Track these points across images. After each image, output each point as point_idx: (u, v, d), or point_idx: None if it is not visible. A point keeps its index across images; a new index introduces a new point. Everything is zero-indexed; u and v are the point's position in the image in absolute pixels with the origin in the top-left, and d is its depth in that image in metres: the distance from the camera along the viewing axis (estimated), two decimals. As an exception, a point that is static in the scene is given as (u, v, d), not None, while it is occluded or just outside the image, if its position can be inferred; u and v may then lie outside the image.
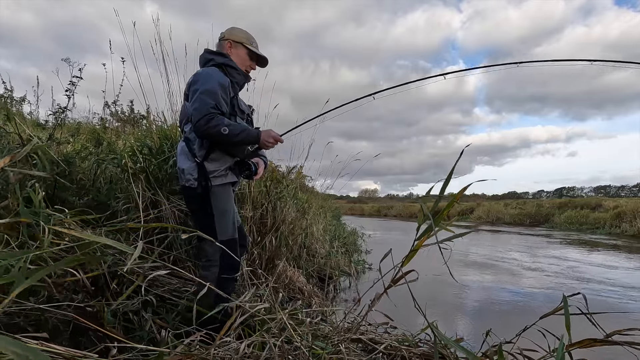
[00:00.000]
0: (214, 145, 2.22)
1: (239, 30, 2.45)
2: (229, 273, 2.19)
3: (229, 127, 2.08)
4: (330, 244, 6.26)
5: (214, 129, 2.06)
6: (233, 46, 2.41)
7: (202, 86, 2.14)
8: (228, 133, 2.07)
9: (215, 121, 2.07)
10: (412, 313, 2.02)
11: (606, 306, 4.46)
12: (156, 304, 2.36)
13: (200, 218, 2.35)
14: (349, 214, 36.32)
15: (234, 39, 2.42)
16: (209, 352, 1.60)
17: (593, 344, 1.45)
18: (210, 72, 2.23)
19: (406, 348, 1.87)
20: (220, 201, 2.25)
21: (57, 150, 3.27)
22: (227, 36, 2.43)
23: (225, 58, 2.35)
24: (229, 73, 2.33)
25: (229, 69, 2.33)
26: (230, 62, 2.35)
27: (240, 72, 2.39)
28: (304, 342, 1.72)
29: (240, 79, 2.41)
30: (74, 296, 2.04)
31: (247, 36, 2.45)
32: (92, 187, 3.17)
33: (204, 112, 2.06)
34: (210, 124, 2.06)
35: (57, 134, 3.48)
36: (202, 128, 2.08)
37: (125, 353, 1.61)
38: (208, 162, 2.22)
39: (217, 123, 2.07)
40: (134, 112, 6.66)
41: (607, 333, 1.51)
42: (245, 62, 2.44)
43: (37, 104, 3.58)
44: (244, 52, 2.43)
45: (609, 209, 19.42)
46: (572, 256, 8.89)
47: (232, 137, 2.09)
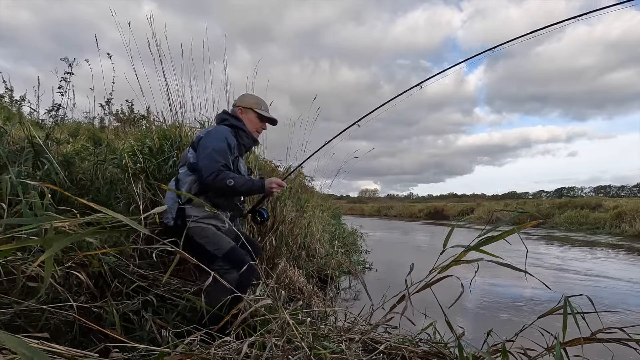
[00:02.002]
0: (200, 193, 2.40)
1: (249, 97, 2.72)
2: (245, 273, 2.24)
3: (234, 180, 2.29)
4: (330, 243, 6.27)
5: (221, 182, 2.27)
6: (244, 112, 2.65)
7: (212, 144, 2.36)
8: (234, 184, 2.28)
9: (222, 175, 2.27)
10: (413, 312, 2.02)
11: (606, 306, 4.48)
12: (156, 303, 2.37)
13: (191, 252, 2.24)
14: (349, 214, 36.33)
15: (244, 106, 2.66)
16: (210, 352, 1.61)
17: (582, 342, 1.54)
18: (222, 131, 2.46)
19: (406, 347, 1.87)
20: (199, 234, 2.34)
21: (57, 150, 3.28)
22: (239, 103, 2.69)
23: (238, 122, 2.61)
24: (239, 135, 2.58)
25: (240, 132, 2.59)
26: (243, 126, 2.60)
27: (249, 137, 2.64)
28: (306, 342, 1.72)
29: (248, 142, 2.66)
30: (76, 297, 2.05)
31: (257, 101, 2.70)
32: (92, 187, 3.18)
33: (214, 169, 2.27)
34: (218, 178, 2.26)
35: (57, 133, 3.49)
36: (211, 182, 2.28)
37: (126, 353, 1.62)
38: (189, 205, 2.36)
39: (223, 177, 2.27)
40: (134, 112, 6.68)
41: (593, 332, 1.57)
42: (256, 125, 2.68)
43: (37, 104, 3.58)
44: (254, 116, 2.66)
45: (609, 209, 19.42)
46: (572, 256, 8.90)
47: (237, 187, 2.30)
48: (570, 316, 1.49)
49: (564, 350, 1.47)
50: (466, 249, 1.64)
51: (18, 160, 2.78)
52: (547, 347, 1.62)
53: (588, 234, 16.50)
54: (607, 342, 1.55)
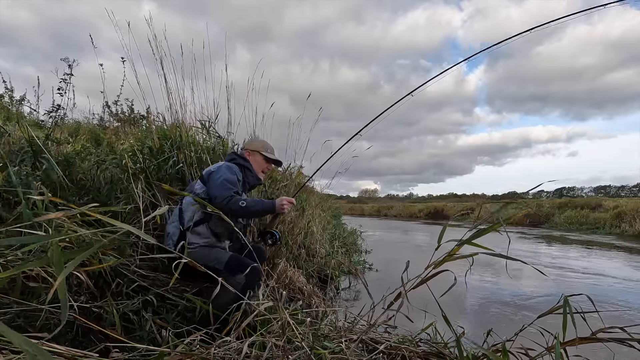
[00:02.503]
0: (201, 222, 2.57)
1: (256, 142, 3.03)
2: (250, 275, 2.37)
3: (246, 202, 2.47)
4: (330, 243, 6.27)
5: (234, 204, 2.44)
6: (251, 154, 2.93)
7: (225, 175, 2.60)
8: (246, 205, 2.46)
9: (235, 199, 2.47)
10: (412, 312, 2.02)
11: (606, 304, 4.48)
12: (156, 303, 2.37)
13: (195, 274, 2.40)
14: (349, 214, 36.33)
15: (251, 149, 2.95)
16: (210, 352, 1.61)
17: (581, 341, 1.54)
18: (231, 167, 2.72)
19: (406, 347, 1.87)
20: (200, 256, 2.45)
21: (57, 150, 3.28)
22: (247, 147, 3.00)
23: (246, 162, 2.87)
24: (245, 174, 2.83)
25: (246, 171, 2.84)
26: (249, 166, 2.86)
27: (254, 176, 2.88)
28: (306, 342, 1.72)
29: (253, 181, 2.89)
30: (77, 297, 2.05)
31: (263, 145, 2.99)
32: (92, 187, 3.18)
33: (227, 195, 2.47)
34: (232, 201, 2.45)
35: (57, 133, 3.49)
36: (225, 205, 2.44)
37: (126, 353, 1.62)
38: (190, 232, 2.53)
39: (236, 200, 2.47)
40: (134, 112, 6.67)
41: (593, 331, 1.56)
42: (262, 165, 2.95)
43: (37, 104, 3.58)
44: (261, 158, 2.94)
45: (609, 209, 19.41)
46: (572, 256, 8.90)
47: (250, 208, 2.48)
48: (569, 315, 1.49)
49: (564, 350, 1.47)
50: (459, 243, 1.64)
51: (16, 160, 2.78)
52: (547, 347, 1.62)
53: (588, 234, 16.50)
54: (607, 342, 1.55)
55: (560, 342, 1.45)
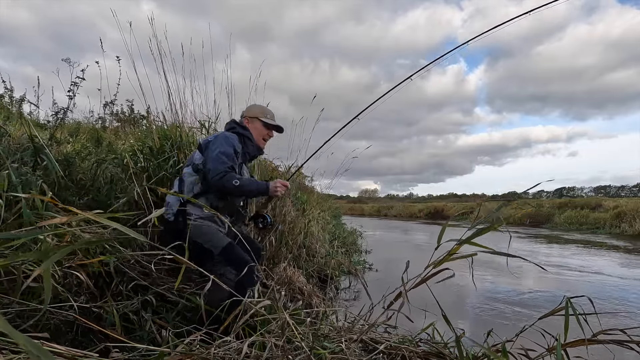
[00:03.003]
0: (202, 194, 2.50)
1: (255, 107, 2.88)
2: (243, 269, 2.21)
3: (240, 180, 2.38)
4: (330, 243, 6.27)
5: (227, 182, 2.36)
6: (250, 121, 2.79)
7: (221, 147, 2.47)
8: (239, 184, 2.37)
9: (229, 176, 2.37)
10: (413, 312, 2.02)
11: (606, 305, 4.48)
12: (156, 303, 2.37)
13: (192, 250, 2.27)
14: (349, 214, 36.31)
15: (250, 115, 2.81)
16: (210, 352, 1.61)
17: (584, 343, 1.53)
18: (229, 137, 2.59)
19: (406, 347, 1.87)
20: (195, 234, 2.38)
21: (58, 150, 3.28)
22: (245, 114, 2.84)
23: (245, 130, 2.75)
24: (245, 143, 2.71)
25: (246, 140, 2.72)
26: (249, 135, 2.74)
27: (254, 145, 2.77)
28: (306, 342, 1.72)
29: (253, 151, 2.79)
30: (76, 297, 2.05)
31: (262, 110, 2.85)
32: (92, 187, 3.18)
33: (220, 170, 2.37)
34: (225, 178, 2.36)
35: (57, 134, 3.49)
36: (217, 182, 2.38)
37: (126, 353, 1.62)
38: (191, 205, 2.44)
39: (230, 177, 2.37)
40: (134, 112, 6.68)
41: (594, 333, 1.56)
42: (262, 133, 2.81)
43: (37, 104, 3.59)
44: (260, 125, 2.79)
45: (608, 209, 19.41)
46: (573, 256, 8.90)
47: (243, 187, 2.40)
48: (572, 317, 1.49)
49: (565, 351, 1.47)
50: (458, 243, 1.64)
51: (17, 157, 2.78)
52: (548, 348, 1.62)
53: (588, 234, 16.49)
54: (608, 344, 1.55)
55: (562, 343, 1.45)
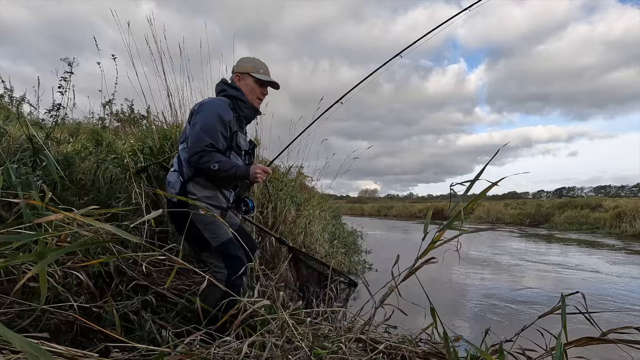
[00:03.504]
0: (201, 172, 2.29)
1: (245, 61, 2.52)
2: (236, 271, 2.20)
3: (218, 164, 2.19)
4: (330, 243, 6.27)
5: (205, 164, 2.19)
6: (241, 78, 2.48)
7: (201, 120, 2.24)
8: (217, 169, 2.19)
9: (207, 157, 2.18)
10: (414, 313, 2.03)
11: (605, 305, 4.48)
12: (155, 303, 2.37)
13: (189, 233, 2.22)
14: (349, 214, 36.30)
15: (240, 71, 2.48)
16: (210, 352, 1.61)
17: (590, 342, 1.49)
18: (215, 106, 2.31)
19: (406, 347, 1.87)
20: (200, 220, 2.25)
21: (57, 150, 3.28)
22: (235, 69, 2.51)
23: (237, 91, 2.43)
24: (239, 107, 2.42)
25: (239, 103, 2.42)
26: (242, 97, 2.43)
27: (249, 107, 2.46)
28: (305, 342, 1.73)
29: (249, 113, 2.49)
30: (76, 297, 2.05)
31: (254, 64, 2.49)
32: (92, 187, 3.18)
33: (198, 149, 2.18)
34: (202, 159, 2.18)
35: (57, 133, 3.49)
36: (194, 163, 2.21)
37: (126, 353, 1.62)
38: (192, 183, 2.30)
39: (208, 159, 2.18)
40: (134, 112, 6.68)
41: (604, 331, 1.53)
42: (255, 91, 2.48)
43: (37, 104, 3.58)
44: (252, 81, 2.47)
45: (608, 209, 19.42)
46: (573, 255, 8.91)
47: (221, 172, 2.21)
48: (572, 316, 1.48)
49: (564, 351, 1.47)
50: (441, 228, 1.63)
51: (16, 158, 2.78)
52: (546, 349, 1.61)
53: (588, 234, 16.49)
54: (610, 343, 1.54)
55: (563, 343, 1.44)
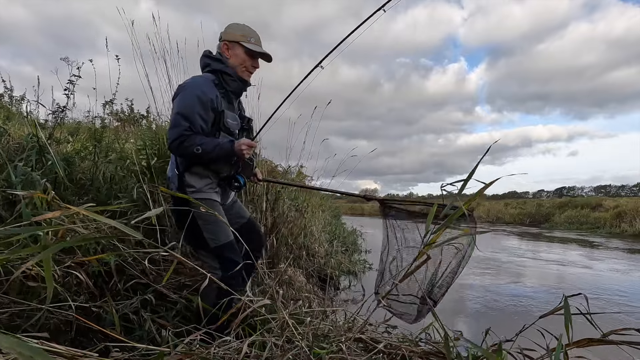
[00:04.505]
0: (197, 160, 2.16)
1: (234, 28, 2.27)
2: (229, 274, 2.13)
3: (201, 146, 2.04)
4: (330, 243, 6.27)
5: (187, 149, 2.05)
6: (230, 47, 2.25)
7: (179, 104, 2.10)
8: (201, 152, 2.05)
9: (188, 142, 2.04)
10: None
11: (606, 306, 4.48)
12: (155, 302, 2.37)
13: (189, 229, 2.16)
14: (349, 214, 36.24)
15: (229, 39, 2.25)
16: (210, 352, 1.61)
17: (590, 343, 1.47)
18: (195, 85, 2.14)
19: (406, 347, 1.87)
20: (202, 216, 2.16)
21: (57, 150, 3.28)
22: (223, 37, 2.27)
23: (221, 64, 2.23)
24: (225, 81, 2.23)
25: (225, 77, 2.23)
26: (226, 69, 2.22)
27: (236, 79, 2.25)
28: (305, 342, 1.72)
29: (237, 87, 2.28)
30: (76, 297, 2.05)
31: (244, 32, 2.25)
32: (91, 186, 3.18)
33: (176, 135, 2.04)
34: (183, 145, 2.04)
35: (57, 133, 3.49)
36: (175, 149, 2.09)
37: (126, 352, 1.62)
38: (189, 174, 2.18)
39: (189, 144, 2.04)
40: (134, 112, 6.67)
41: (604, 332, 1.52)
42: (245, 63, 2.26)
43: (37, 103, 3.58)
44: (242, 52, 2.24)
45: (609, 209, 19.44)
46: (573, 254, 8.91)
47: (206, 154, 2.06)
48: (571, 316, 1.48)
49: (565, 352, 1.46)
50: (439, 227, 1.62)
51: (19, 157, 2.79)
52: (547, 349, 1.61)
53: (588, 233, 16.49)
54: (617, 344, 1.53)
55: (565, 343, 1.43)
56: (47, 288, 1.15)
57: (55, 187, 2.82)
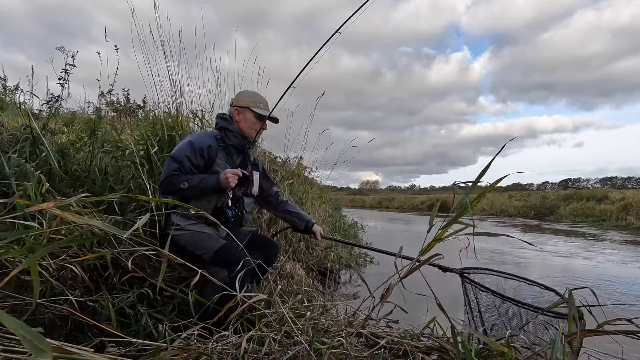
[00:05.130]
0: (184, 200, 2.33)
1: (245, 95, 2.62)
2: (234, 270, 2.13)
3: (187, 182, 2.26)
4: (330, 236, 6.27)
5: (174, 186, 2.28)
6: (240, 112, 2.57)
7: (175, 149, 2.41)
8: (187, 187, 2.26)
9: (176, 179, 2.28)
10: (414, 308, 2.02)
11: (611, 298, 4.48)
12: (152, 296, 2.37)
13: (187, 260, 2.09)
14: (350, 206, 36.32)
15: (240, 105, 2.58)
16: (207, 347, 1.60)
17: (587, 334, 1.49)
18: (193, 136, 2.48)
19: (408, 342, 1.87)
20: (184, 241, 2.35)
21: (52, 141, 3.27)
22: (235, 103, 2.60)
23: (225, 121, 2.56)
24: (227, 136, 2.53)
25: (227, 133, 2.53)
26: (229, 126, 2.54)
27: (237, 135, 2.55)
28: (304, 337, 1.72)
29: (237, 142, 2.56)
30: (71, 291, 2.05)
31: (254, 99, 2.60)
32: (86, 178, 3.17)
33: (166, 175, 2.31)
34: (171, 182, 2.28)
35: (52, 123, 3.48)
36: (165, 187, 2.33)
37: (122, 348, 1.61)
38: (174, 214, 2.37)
39: (177, 181, 2.27)
40: (130, 102, 6.65)
41: (599, 323, 1.54)
42: (255, 125, 2.58)
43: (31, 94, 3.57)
44: (252, 115, 2.56)
45: (615, 201, 19.43)
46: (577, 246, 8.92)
47: (192, 188, 2.28)
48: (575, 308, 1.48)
49: (569, 344, 1.46)
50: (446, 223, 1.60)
51: (13, 148, 2.78)
52: (550, 342, 1.61)
53: (594, 226, 16.49)
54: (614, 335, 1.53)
55: (563, 336, 1.44)
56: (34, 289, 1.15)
57: (49, 178, 2.81)
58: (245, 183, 2.52)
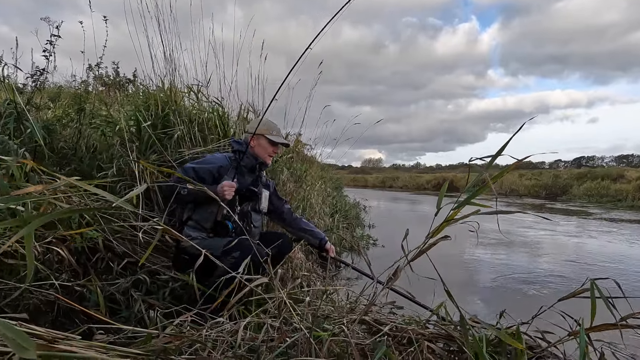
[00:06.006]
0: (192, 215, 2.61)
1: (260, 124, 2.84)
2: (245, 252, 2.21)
3: (187, 189, 2.43)
4: (331, 217, 6.26)
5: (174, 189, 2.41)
6: (255, 138, 2.82)
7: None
8: (186, 192, 2.44)
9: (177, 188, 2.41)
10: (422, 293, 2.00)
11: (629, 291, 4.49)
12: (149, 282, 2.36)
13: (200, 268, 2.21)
14: (352, 186, 36.35)
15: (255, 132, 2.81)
16: (201, 334, 1.59)
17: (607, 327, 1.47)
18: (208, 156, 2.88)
19: (413, 329, 1.86)
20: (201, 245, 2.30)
21: (37, 117, 3.22)
22: (250, 130, 2.89)
23: (239, 145, 2.84)
24: (240, 157, 2.78)
25: (241, 155, 2.79)
26: (241, 148, 2.80)
27: (249, 157, 2.82)
28: (304, 324, 1.71)
29: (249, 162, 2.83)
30: (57, 275, 2.03)
31: (268, 127, 2.90)
32: (74, 156, 3.13)
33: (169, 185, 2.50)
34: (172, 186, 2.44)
35: (37, 98, 3.43)
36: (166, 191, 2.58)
37: (111, 335, 1.60)
38: (187, 226, 2.59)
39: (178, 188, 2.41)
40: (120, 76, 6.56)
41: (622, 316, 1.50)
42: (268, 150, 2.88)
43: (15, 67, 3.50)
44: (265, 142, 2.85)
45: (631, 180, 19.37)
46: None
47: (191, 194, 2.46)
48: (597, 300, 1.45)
49: (587, 336, 1.44)
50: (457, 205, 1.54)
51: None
52: (570, 332, 1.59)
53: (608, 207, 16.47)
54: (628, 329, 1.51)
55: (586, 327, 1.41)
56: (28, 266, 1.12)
57: (35, 156, 2.78)
58: (254, 198, 2.79)
